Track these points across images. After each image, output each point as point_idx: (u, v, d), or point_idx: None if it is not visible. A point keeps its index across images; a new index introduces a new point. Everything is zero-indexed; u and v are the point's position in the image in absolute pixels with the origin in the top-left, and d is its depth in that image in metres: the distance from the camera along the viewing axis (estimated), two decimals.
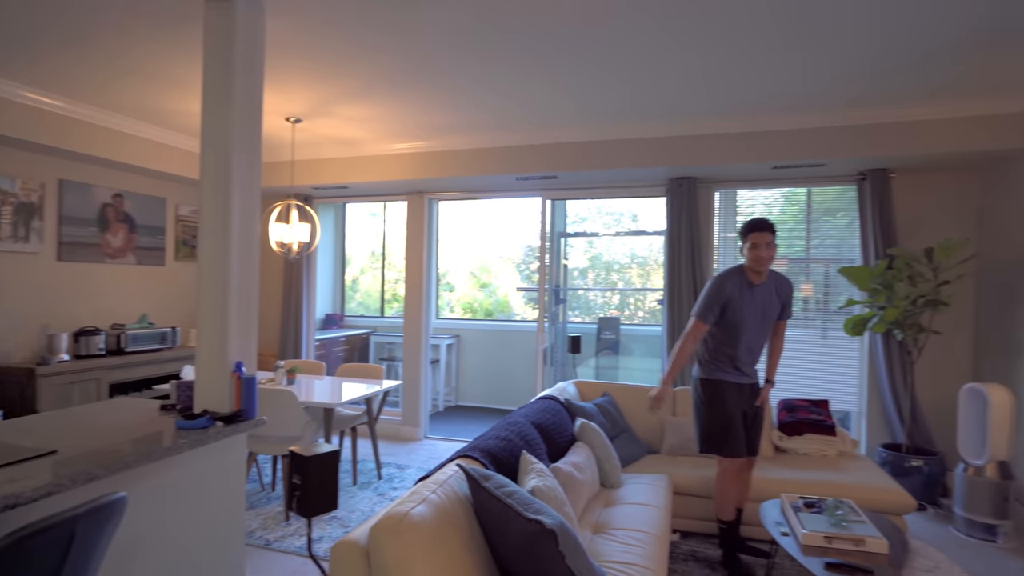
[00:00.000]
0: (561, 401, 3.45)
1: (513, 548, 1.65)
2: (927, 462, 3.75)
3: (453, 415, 6.65)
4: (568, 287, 6.55)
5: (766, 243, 2.83)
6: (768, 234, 2.83)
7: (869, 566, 2.04)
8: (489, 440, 2.46)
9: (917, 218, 4.29)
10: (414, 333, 5.43)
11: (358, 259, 8.06)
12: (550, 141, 4.48)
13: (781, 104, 3.77)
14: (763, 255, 2.83)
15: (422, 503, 1.76)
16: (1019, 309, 3.65)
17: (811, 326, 4.63)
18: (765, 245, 2.83)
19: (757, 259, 2.84)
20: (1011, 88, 3.42)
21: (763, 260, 2.83)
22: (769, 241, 2.83)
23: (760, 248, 2.83)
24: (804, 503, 2.56)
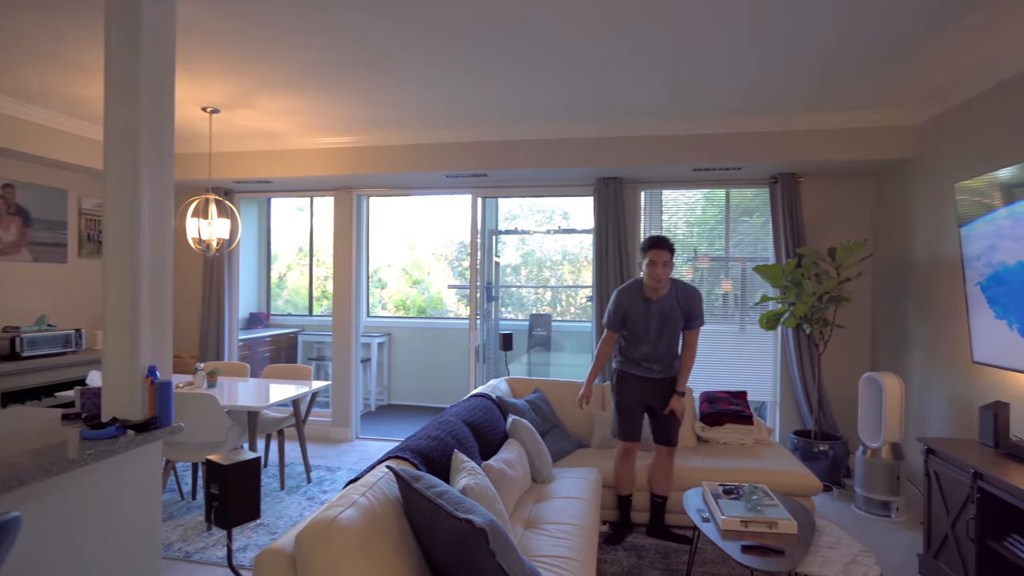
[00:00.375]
0: (493, 398, 3.48)
1: (444, 548, 1.65)
2: (832, 446, 4.05)
3: (385, 414, 6.55)
4: (500, 284, 6.59)
5: (663, 261, 2.96)
6: (665, 252, 2.96)
7: (780, 547, 2.18)
8: (420, 440, 2.45)
9: (823, 220, 4.62)
10: (344, 331, 5.30)
11: (285, 256, 7.77)
12: (479, 139, 4.49)
13: (701, 109, 3.94)
14: (659, 272, 2.97)
15: (351, 507, 1.73)
16: (908, 304, 4.00)
17: (730, 321, 4.89)
18: (662, 264, 2.97)
19: (653, 276, 2.99)
20: (905, 103, 3.74)
21: (659, 277, 2.98)
22: (666, 260, 2.97)
23: (657, 266, 2.97)
24: (723, 490, 2.70)
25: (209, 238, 3.89)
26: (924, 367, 3.79)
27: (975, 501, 2.50)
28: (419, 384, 7.08)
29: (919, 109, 3.81)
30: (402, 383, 7.14)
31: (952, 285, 3.49)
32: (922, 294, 3.83)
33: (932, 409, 3.69)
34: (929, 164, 3.77)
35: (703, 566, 2.95)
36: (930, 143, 3.76)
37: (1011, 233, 2.79)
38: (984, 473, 2.45)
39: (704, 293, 4.92)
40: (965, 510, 2.58)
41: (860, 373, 4.58)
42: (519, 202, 7.02)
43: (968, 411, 3.31)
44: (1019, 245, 2.75)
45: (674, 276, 3.15)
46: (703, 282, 4.96)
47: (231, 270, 5.49)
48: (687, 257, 4.96)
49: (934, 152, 3.72)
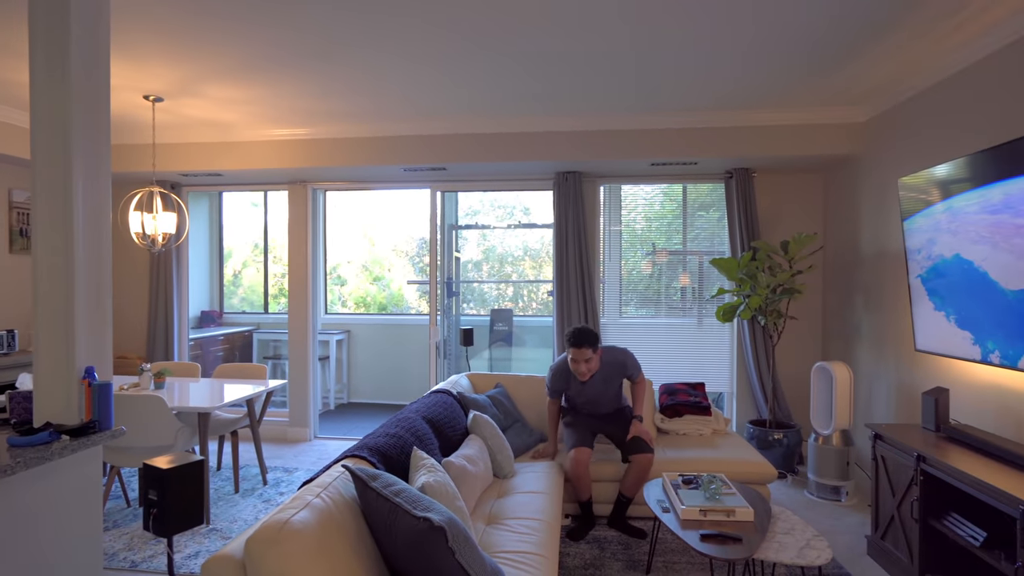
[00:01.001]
0: (453, 394, 3.44)
1: (403, 548, 1.61)
2: (786, 435, 4.17)
3: (345, 413, 6.42)
4: (461, 280, 6.55)
5: (584, 359, 3.12)
6: (586, 350, 3.10)
7: (738, 534, 2.22)
8: (378, 438, 2.39)
9: (776, 214, 4.74)
10: (300, 329, 5.16)
11: (240, 252, 7.51)
12: (438, 132, 4.43)
13: (658, 104, 3.98)
14: (581, 369, 3.17)
15: (304, 508, 1.67)
16: (855, 296, 4.14)
17: (688, 314, 4.97)
18: (583, 361, 3.13)
19: (577, 372, 3.18)
20: (851, 102, 3.86)
21: (582, 373, 3.18)
22: (587, 357, 3.11)
23: (579, 363, 3.15)
24: (683, 480, 2.74)
25: (154, 233, 3.71)
26: (871, 356, 3.94)
27: (918, 483, 2.60)
28: (379, 382, 6.97)
29: (864, 107, 3.95)
30: (362, 381, 7.01)
31: (896, 277, 3.63)
32: (869, 286, 3.97)
33: (879, 396, 3.84)
34: (873, 160, 3.91)
35: (663, 555, 2.99)
36: (874, 140, 3.90)
37: (948, 227, 2.92)
38: (926, 456, 2.55)
39: (662, 287, 5.00)
40: (910, 492, 2.69)
41: (812, 363, 4.73)
42: (480, 197, 6.97)
43: (912, 397, 3.45)
44: (955, 239, 2.88)
45: (605, 345, 3.41)
46: (661, 276, 5.02)
47: (180, 266, 5.27)
48: (645, 252, 5.02)
49: (878, 149, 3.85)
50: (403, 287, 7.91)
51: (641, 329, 4.95)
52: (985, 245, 2.68)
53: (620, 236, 4.98)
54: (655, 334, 4.94)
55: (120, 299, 5.41)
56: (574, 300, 4.70)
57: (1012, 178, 2.48)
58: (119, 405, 3.19)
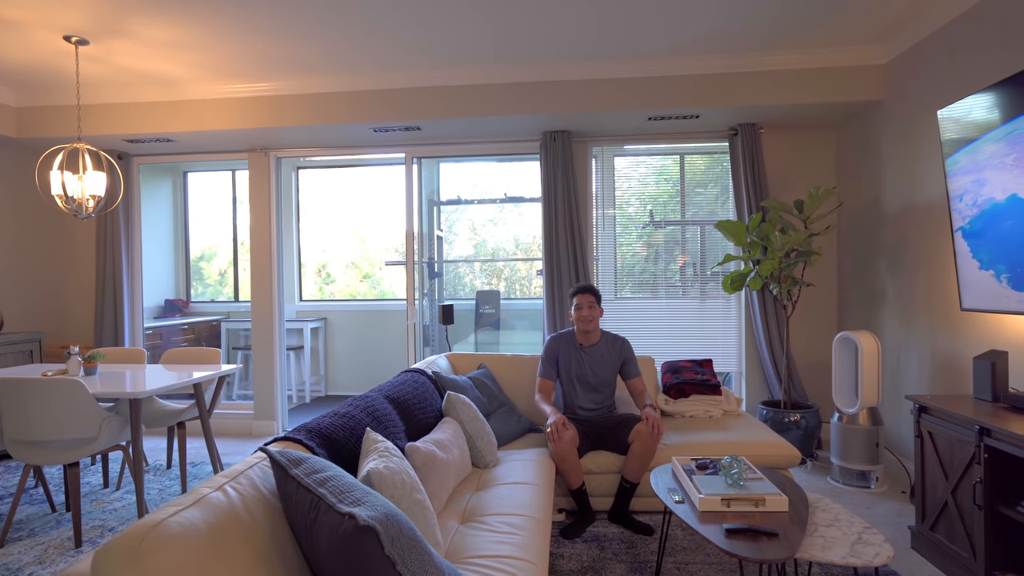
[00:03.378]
0: (428, 374, 2.97)
1: (327, 557, 1.15)
2: (804, 416, 3.73)
3: (321, 406, 5.94)
4: (444, 260, 6.08)
5: (588, 303, 3.04)
6: (589, 295, 3.05)
7: (772, 528, 1.77)
8: (323, 419, 1.93)
9: (784, 174, 4.30)
10: (264, 312, 4.68)
11: (215, 242, 6.99)
12: (408, 85, 3.94)
13: (654, 47, 3.53)
14: (585, 314, 3.02)
15: (193, 505, 1.21)
16: (878, 259, 3.71)
17: (688, 293, 4.51)
18: (587, 305, 3.03)
19: (580, 318, 3.04)
20: (872, 40, 3.43)
21: (586, 318, 3.03)
22: (591, 302, 3.04)
23: (583, 308, 3.03)
24: (697, 465, 2.29)
25: (80, 196, 3.21)
26: (899, 324, 3.50)
27: (982, 462, 2.16)
28: (359, 372, 6.49)
29: (886, 45, 3.51)
30: (340, 372, 6.52)
31: (928, 233, 3.19)
32: (894, 246, 3.54)
33: (908, 368, 3.40)
34: (898, 105, 3.47)
35: (674, 555, 2.53)
36: (899, 82, 3.46)
37: (1002, 162, 2.47)
38: (992, 428, 2.11)
39: (661, 261, 4.54)
40: (969, 473, 2.25)
41: (828, 336, 4.30)
42: (462, 179, 6.48)
43: (952, 367, 3.02)
44: (1012, 175, 2.44)
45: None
46: (659, 252, 4.56)
47: (131, 247, 4.76)
48: (641, 225, 4.56)
49: (904, 91, 3.41)
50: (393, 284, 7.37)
51: (639, 306, 4.50)
52: None
53: (614, 212, 4.52)
54: (654, 313, 4.49)
55: (58, 282, 4.90)
56: (565, 278, 4.24)
57: None
58: (27, 393, 2.70)
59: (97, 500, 3.33)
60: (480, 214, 6.82)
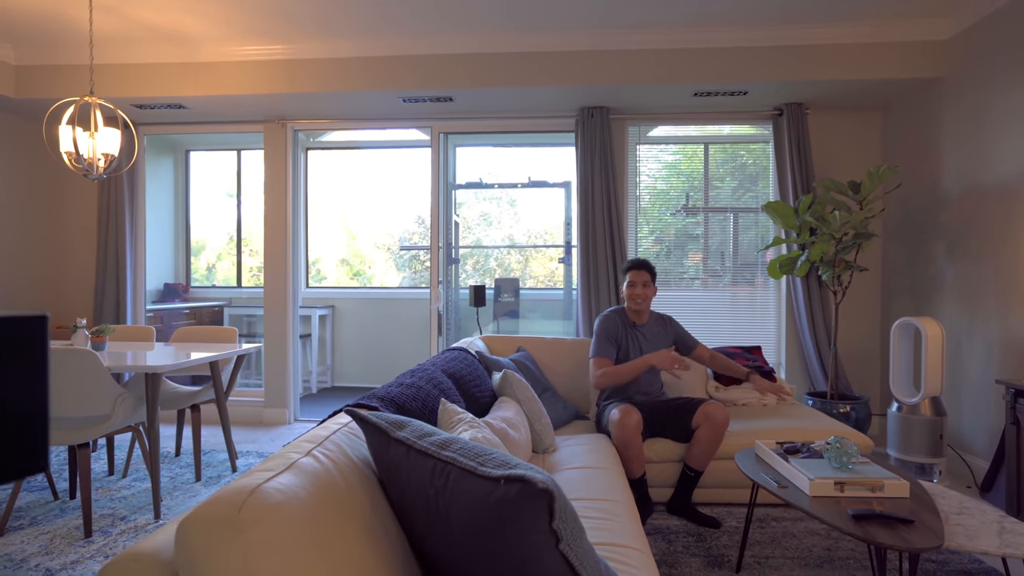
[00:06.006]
0: (472, 354, 2.75)
1: (462, 530, 0.92)
2: (854, 407, 3.55)
3: (329, 397, 5.67)
4: (462, 245, 5.86)
5: (642, 282, 2.85)
6: (644, 272, 2.86)
7: (908, 516, 1.57)
8: (391, 388, 1.70)
9: (828, 157, 4.13)
10: (278, 296, 4.42)
11: (214, 244, 6.69)
12: (442, 51, 3.72)
13: (704, 17, 3.35)
14: (637, 292, 2.84)
15: (287, 471, 0.98)
16: (934, 244, 3.55)
17: (716, 284, 4.33)
18: (641, 284, 2.85)
19: (632, 296, 2.86)
20: (933, 14, 3.27)
21: (638, 296, 2.84)
22: (645, 280, 2.85)
23: (636, 286, 2.85)
24: (786, 449, 2.08)
25: (91, 155, 2.94)
26: (959, 311, 3.34)
27: None
28: (367, 363, 6.22)
29: (949, 20, 3.35)
30: (348, 363, 6.26)
31: (1002, 214, 3.03)
32: (956, 229, 3.37)
33: (972, 357, 3.24)
34: (964, 82, 3.31)
35: (751, 548, 2.33)
36: (964, 58, 3.30)
37: None
38: None
39: (694, 255, 4.35)
40: None
41: (871, 325, 4.13)
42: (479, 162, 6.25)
43: (1019, 355, 2.85)
44: None
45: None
46: (688, 245, 4.36)
47: (135, 220, 4.48)
48: (672, 211, 4.37)
49: (971, 68, 3.25)
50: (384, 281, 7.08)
51: (673, 295, 4.30)
52: None
53: (651, 194, 4.32)
54: (689, 301, 4.30)
55: (57, 258, 4.60)
56: (602, 264, 4.02)
57: None
58: None
59: (103, 488, 3.06)
60: (493, 205, 6.60)
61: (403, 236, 7.17)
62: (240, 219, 6.45)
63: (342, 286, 6.68)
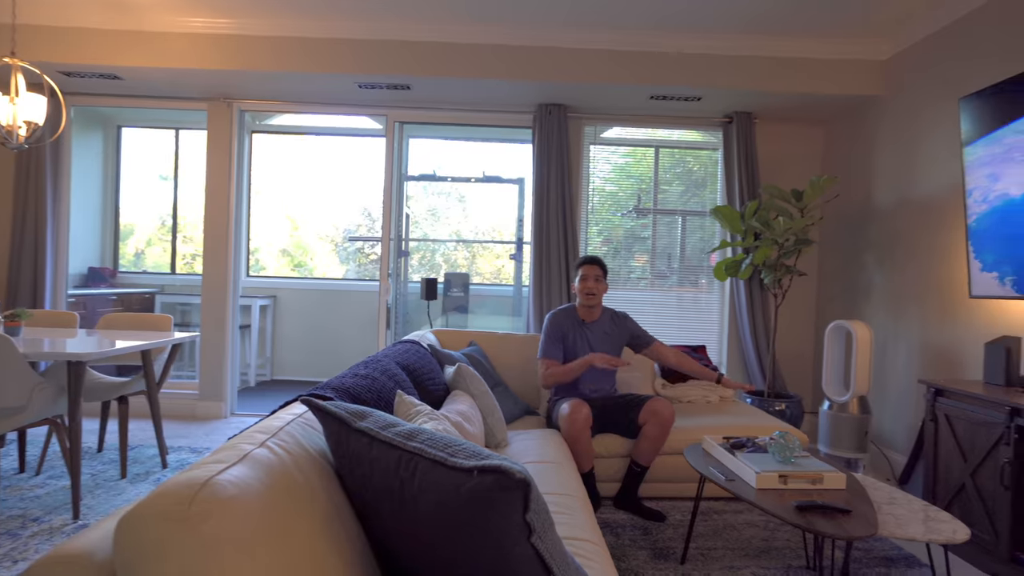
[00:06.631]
0: (424, 347, 2.70)
1: (430, 523, 0.89)
2: (788, 406, 3.72)
3: (268, 390, 5.46)
4: (412, 238, 5.76)
5: (594, 276, 2.85)
6: (597, 268, 2.86)
7: (846, 506, 1.64)
8: (345, 379, 1.64)
9: (773, 166, 4.31)
10: (217, 283, 4.20)
11: (143, 229, 6.30)
12: (401, 38, 3.64)
13: (662, 18, 3.42)
14: (590, 286, 2.83)
15: (240, 462, 0.93)
16: (865, 253, 3.77)
17: (662, 286, 4.45)
18: (593, 278, 2.84)
19: (585, 290, 2.84)
20: (876, 33, 3.46)
21: (591, 291, 2.83)
22: (597, 275, 2.85)
23: (588, 280, 2.84)
24: (732, 444, 2.15)
25: (11, 122, 2.70)
26: (885, 315, 3.56)
27: (1011, 442, 2.15)
28: (309, 356, 6.03)
29: (889, 41, 3.56)
30: (289, 355, 6.04)
31: (927, 226, 3.24)
32: (886, 239, 3.59)
33: (896, 359, 3.46)
34: (899, 102, 3.53)
35: (694, 540, 2.40)
36: (901, 79, 3.51)
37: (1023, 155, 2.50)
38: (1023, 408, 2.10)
39: (641, 257, 4.45)
40: (993, 455, 2.24)
41: (807, 328, 4.35)
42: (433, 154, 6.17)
43: (947, 357, 3.06)
44: None
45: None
46: (637, 246, 4.45)
47: (57, 197, 4.15)
48: (624, 212, 4.45)
49: (906, 88, 3.47)
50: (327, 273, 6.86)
51: (623, 297, 4.38)
52: None
53: (603, 195, 4.38)
54: (637, 303, 4.39)
55: None
56: (554, 261, 4.04)
57: None
58: None
59: (12, 487, 2.82)
60: (442, 200, 6.53)
61: (348, 228, 6.98)
62: (176, 203, 6.10)
63: (286, 276, 6.44)
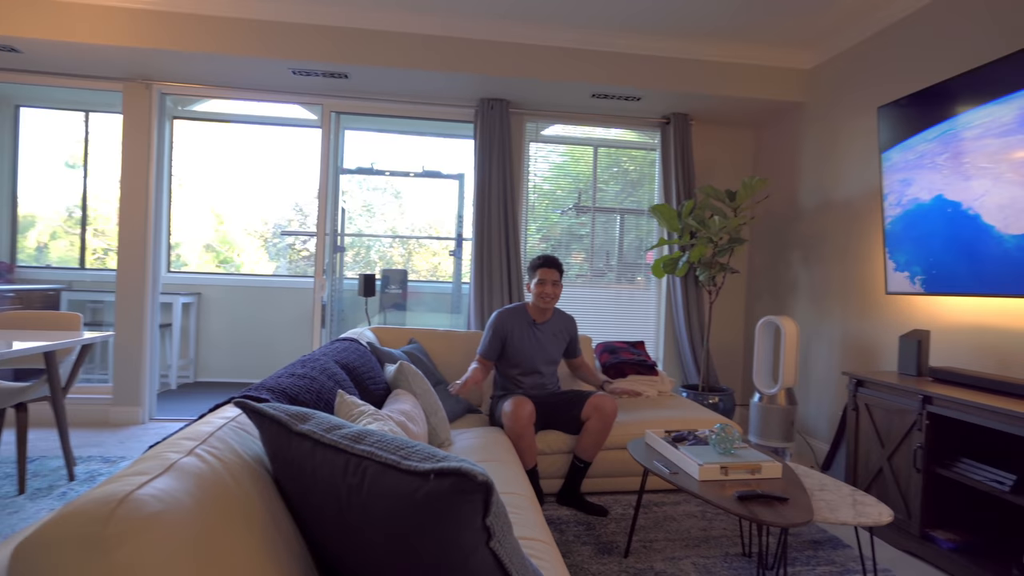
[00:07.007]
0: (363, 345, 2.60)
1: (384, 530, 0.83)
2: (721, 399, 3.86)
3: (191, 393, 5.14)
4: (347, 233, 5.57)
5: (552, 280, 2.81)
6: (555, 271, 2.82)
7: (783, 494, 1.70)
8: (281, 379, 1.54)
9: (708, 167, 4.46)
10: (134, 280, 3.90)
11: (46, 222, 5.76)
12: (341, 24, 3.50)
13: (606, 21, 3.46)
14: (548, 291, 2.80)
15: (166, 473, 0.84)
16: (792, 251, 3.96)
17: (599, 283, 4.52)
18: (551, 282, 2.81)
19: (543, 295, 2.80)
20: (803, 43, 3.64)
21: (546, 296, 2.80)
22: (555, 279, 2.81)
23: (546, 284, 2.80)
24: (674, 438, 2.19)
25: None
26: (810, 311, 3.75)
27: (923, 428, 2.31)
28: (237, 356, 5.72)
29: (814, 51, 3.74)
30: (214, 356, 5.71)
31: (846, 227, 3.44)
32: (810, 238, 3.78)
33: (819, 352, 3.65)
34: (821, 109, 3.72)
35: (636, 533, 2.43)
36: (823, 87, 3.71)
37: (932, 162, 2.69)
38: (934, 396, 2.26)
39: (580, 254, 4.50)
40: (908, 440, 2.39)
41: (737, 324, 4.53)
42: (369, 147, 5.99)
43: (864, 350, 3.26)
44: (940, 176, 2.65)
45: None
46: (575, 243, 4.51)
47: None
48: (561, 210, 4.48)
49: (828, 96, 3.66)
50: (254, 269, 6.54)
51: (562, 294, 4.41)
52: (984, 179, 2.46)
53: (543, 192, 4.39)
54: (576, 299, 4.43)
55: None
56: (496, 258, 4.00)
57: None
58: None
59: None
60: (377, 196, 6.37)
61: (278, 223, 6.68)
62: (86, 193, 5.63)
63: (211, 272, 6.08)
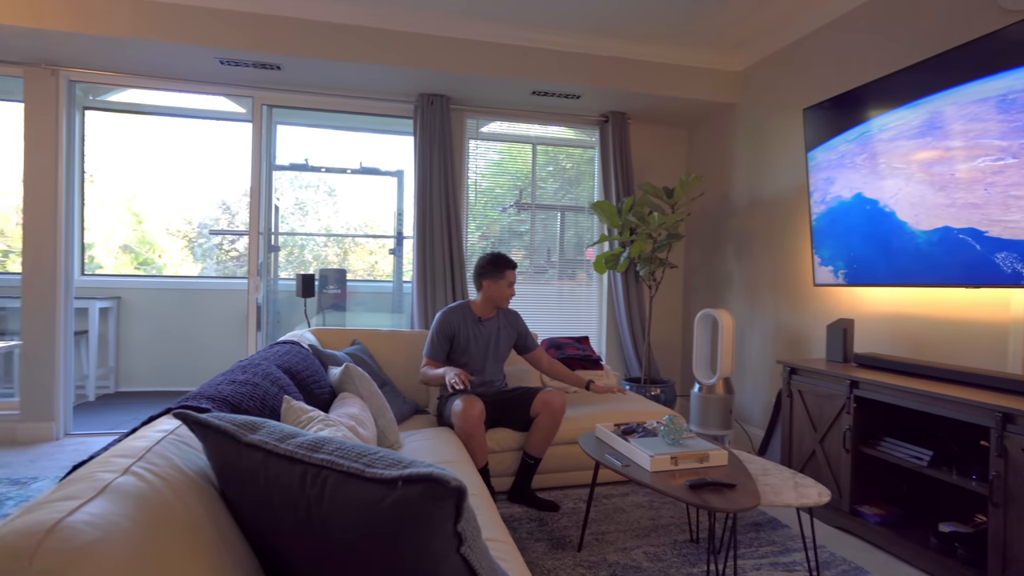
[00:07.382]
0: (305, 347, 2.50)
1: (341, 544, 0.79)
2: (663, 390, 3.97)
3: (113, 404, 4.79)
4: (281, 231, 5.35)
5: (512, 281, 2.84)
6: (513, 272, 2.85)
7: (732, 481, 1.76)
8: (222, 386, 1.45)
9: (645, 165, 4.57)
10: (43, 284, 3.58)
11: None
12: (273, 12, 3.34)
13: (546, 18, 3.47)
14: (513, 292, 2.85)
15: (100, 496, 0.77)
16: (725, 246, 4.13)
17: (549, 277, 4.56)
18: (510, 284, 2.84)
19: (506, 296, 2.82)
20: (734, 47, 3.79)
21: (509, 296, 2.84)
22: (512, 281, 2.84)
23: (513, 285, 2.84)
24: (623, 430, 2.23)
25: None
26: (743, 303, 3.92)
27: (851, 411, 2.46)
28: (163, 364, 5.38)
29: (744, 53, 3.90)
30: (136, 364, 5.34)
31: (775, 223, 3.61)
32: (740, 236, 3.95)
33: (752, 342, 3.82)
34: (751, 110, 3.89)
35: (588, 526, 2.46)
36: (753, 89, 3.88)
37: (852, 162, 2.86)
38: (860, 381, 2.41)
39: (522, 251, 4.52)
40: (837, 423, 2.54)
41: (676, 317, 4.67)
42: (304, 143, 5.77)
43: (793, 340, 3.44)
44: (859, 175, 2.82)
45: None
46: (516, 240, 4.52)
47: None
48: (501, 207, 4.48)
49: (757, 98, 3.83)
50: (178, 271, 6.18)
51: None
52: (897, 179, 2.64)
53: (484, 189, 4.37)
54: (519, 296, 4.44)
55: None
56: (438, 256, 3.95)
57: (938, 93, 2.44)
58: None
59: None
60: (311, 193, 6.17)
61: (203, 222, 6.33)
62: None
63: (131, 274, 5.68)
